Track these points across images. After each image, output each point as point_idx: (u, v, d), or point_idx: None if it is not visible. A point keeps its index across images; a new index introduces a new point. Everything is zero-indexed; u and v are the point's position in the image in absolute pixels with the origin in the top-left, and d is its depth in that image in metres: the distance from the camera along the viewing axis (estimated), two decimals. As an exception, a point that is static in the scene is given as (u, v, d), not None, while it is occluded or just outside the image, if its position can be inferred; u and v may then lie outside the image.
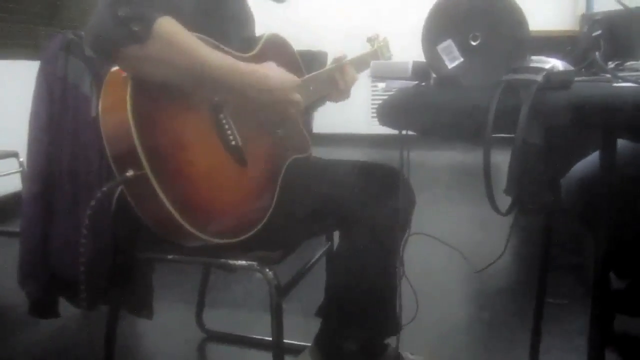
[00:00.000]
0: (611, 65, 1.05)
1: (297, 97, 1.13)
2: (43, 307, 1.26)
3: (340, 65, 1.37)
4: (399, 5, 5.04)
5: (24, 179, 2.73)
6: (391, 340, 1.34)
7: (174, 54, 0.96)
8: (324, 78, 1.37)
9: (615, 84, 0.89)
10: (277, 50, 1.30)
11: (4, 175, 2.84)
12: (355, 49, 1.55)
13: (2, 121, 2.81)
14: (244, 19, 1.30)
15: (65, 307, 1.27)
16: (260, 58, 1.22)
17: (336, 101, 1.44)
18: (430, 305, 1.54)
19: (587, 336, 0.93)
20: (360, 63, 1.51)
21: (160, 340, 1.75)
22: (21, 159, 2.76)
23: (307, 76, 1.32)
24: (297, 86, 1.14)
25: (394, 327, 1.25)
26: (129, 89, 0.94)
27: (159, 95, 0.98)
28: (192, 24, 1.00)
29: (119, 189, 1.04)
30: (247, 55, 1.19)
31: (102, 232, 1.14)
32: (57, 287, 1.23)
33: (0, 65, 3.16)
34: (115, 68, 1.00)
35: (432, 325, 1.72)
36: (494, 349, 1.66)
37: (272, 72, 1.11)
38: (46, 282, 1.22)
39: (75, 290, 1.01)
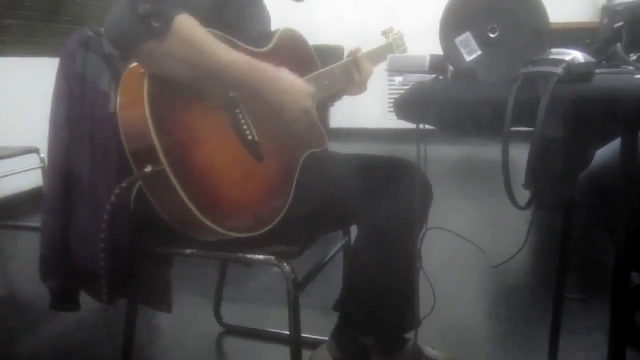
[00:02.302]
0: (633, 57, 1.04)
1: (309, 105, 1.13)
2: (64, 300, 1.28)
3: (355, 58, 1.37)
4: (416, -1, 5.00)
5: (44, 175, 2.77)
6: (408, 335, 1.34)
7: (192, 51, 0.97)
8: (339, 71, 1.36)
9: (637, 76, 0.87)
10: (292, 44, 1.30)
11: (25, 170, 2.89)
12: (371, 43, 1.55)
13: (23, 118, 2.86)
14: (258, 14, 1.30)
15: (86, 301, 1.29)
16: (275, 53, 1.22)
17: (353, 94, 1.44)
18: (448, 299, 1.53)
19: (607, 333, 0.92)
20: (376, 56, 1.51)
21: (178, 334, 1.76)
22: (42, 155, 2.80)
23: (322, 70, 1.32)
24: (310, 94, 1.14)
25: (412, 321, 1.25)
26: (146, 85, 0.95)
27: (176, 91, 0.99)
28: (207, 19, 1.00)
29: (138, 184, 1.05)
30: (261, 50, 1.19)
31: (120, 227, 1.16)
32: (78, 281, 1.25)
33: (21, 63, 3.21)
34: (132, 64, 1.01)
35: (449, 320, 1.71)
36: (512, 345, 1.65)
37: (288, 75, 1.11)
38: (67, 276, 1.24)
39: (95, 283, 1.03)
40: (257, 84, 1.05)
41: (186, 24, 0.96)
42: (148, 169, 0.94)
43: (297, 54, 1.30)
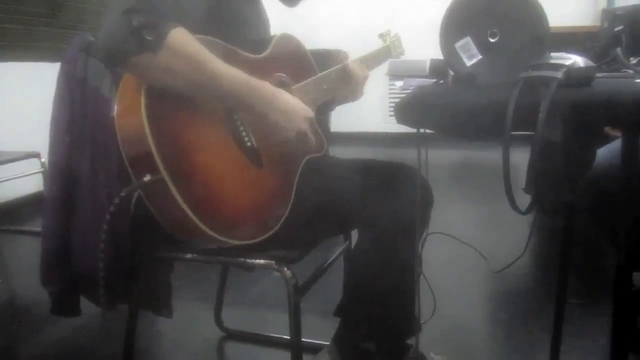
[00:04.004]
0: (633, 61, 1.04)
1: (305, 127, 1.12)
2: (65, 305, 1.28)
3: (344, 65, 1.37)
4: (416, 3, 5.01)
5: (45, 180, 2.77)
6: (410, 341, 1.33)
7: (184, 65, 0.96)
8: (336, 76, 1.36)
9: (637, 80, 0.87)
10: (289, 50, 1.30)
11: (26, 175, 2.89)
12: (371, 47, 1.55)
13: (24, 122, 2.86)
14: (256, 20, 1.29)
15: (87, 306, 1.29)
16: (272, 59, 1.22)
17: (349, 101, 1.44)
18: (449, 304, 1.53)
19: (609, 337, 0.92)
20: (373, 59, 1.51)
21: (179, 339, 1.76)
22: (43, 160, 2.81)
23: (319, 74, 1.32)
24: (307, 117, 1.14)
25: (414, 326, 1.25)
26: (143, 93, 0.94)
27: (173, 98, 0.98)
28: (203, 27, 1.00)
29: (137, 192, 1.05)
30: (259, 56, 1.19)
31: (121, 233, 1.16)
32: (79, 286, 1.25)
33: (22, 68, 3.21)
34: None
35: (450, 325, 1.70)
36: (513, 350, 1.64)
37: (285, 96, 1.10)
38: (68, 281, 1.23)
39: (96, 289, 1.02)
40: (252, 101, 1.04)
41: (180, 38, 0.95)
42: (147, 177, 0.93)
43: (294, 59, 1.30)
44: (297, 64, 1.26)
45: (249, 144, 1.09)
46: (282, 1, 1.36)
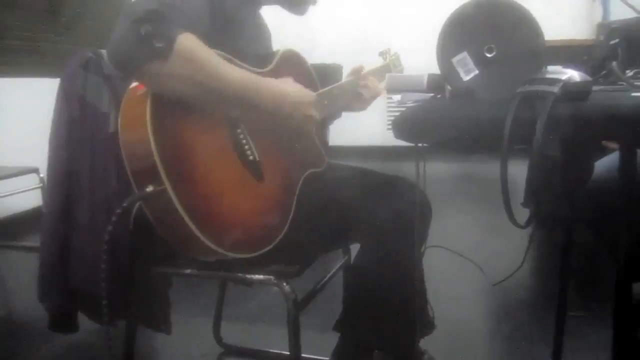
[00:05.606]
0: (629, 74, 1.04)
1: (313, 113, 1.15)
2: (62, 321, 1.27)
3: (364, 75, 1.39)
4: (414, 18, 5.05)
5: (44, 195, 2.77)
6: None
7: (195, 70, 0.97)
8: (341, 91, 1.37)
9: (633, 94, 0.88)
10: (293, 65, 1.32)
11: (25, 190, 2.89)
12: (369, 61, 1.56)
13: (23, 138, 2.86)
14: (259, 35, 1.31)
15: (84, 322, 1.28)
16: (276, 73, 1.23)
17: (356, 111, 1.46)
18: (448, 318, 1.52)
19: (610, 350, 0.91)
20: (374, 76, 1.52)
21: (177, 354, 1.75)
22: (41, 175, 2.81)
23: (322, 90, 1.33)
24: (314, 102, 1.16)
25: (414, 340, 1.24)
26: (148, 105, 0.95)
27: (178, 111, 0.99)
28: (209, 41, 1.01)
29: (137, 204, 1.05)
30: (263, 70, 1.20)
31: (120, 247, 1.15)
32: (77, 302, 1.24)
33: (21, 83, 3.22)
34: (134, 84, 1.01)
35: (449, 338, 1.69)
36: (514, 363, 1.63)
37: (290, 88, 1.12)
38: (66, 297, 1.23)
39: (94, 304, 1.02)
40: (260, 99, 1.06)
41: (189, 44, 0.96)
42: (149, 188, 0.94)
43: (297, 74, 1.31)
44: (300, 79, 1.27)
45: (251, 157, 1.10)
46: (290, 10, 1.37)
